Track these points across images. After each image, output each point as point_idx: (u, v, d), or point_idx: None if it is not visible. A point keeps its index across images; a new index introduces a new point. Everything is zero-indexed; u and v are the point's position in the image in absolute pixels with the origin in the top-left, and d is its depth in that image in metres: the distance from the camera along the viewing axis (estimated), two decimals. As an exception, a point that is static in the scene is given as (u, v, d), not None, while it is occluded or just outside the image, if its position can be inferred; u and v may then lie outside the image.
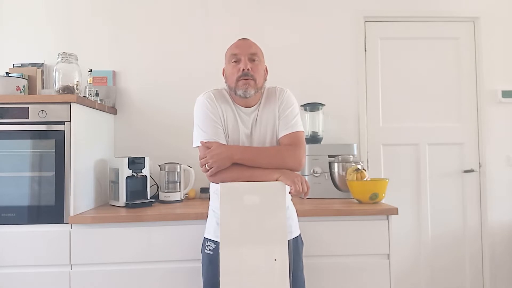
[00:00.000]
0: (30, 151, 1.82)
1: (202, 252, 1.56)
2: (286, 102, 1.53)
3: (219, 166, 1.40)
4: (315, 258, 1.78)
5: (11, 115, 1.81)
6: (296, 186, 1.33)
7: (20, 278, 1.76)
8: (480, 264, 2.59)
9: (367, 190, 1.93)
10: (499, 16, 2.65)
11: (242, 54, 1.47)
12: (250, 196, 1.34)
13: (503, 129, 2.61)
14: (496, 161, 2.60)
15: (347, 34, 2.59)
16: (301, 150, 1.47)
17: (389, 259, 1.83)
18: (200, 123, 1.48)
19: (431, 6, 2.62)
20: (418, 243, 2.58)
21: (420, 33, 2.64)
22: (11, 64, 2.39)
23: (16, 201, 1.79)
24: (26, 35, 2.48)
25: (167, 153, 2.40)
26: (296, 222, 1.60)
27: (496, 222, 2.57)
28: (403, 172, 2.60)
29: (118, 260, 1.78)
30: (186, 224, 1.79)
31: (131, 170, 2.04)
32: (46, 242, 1.77)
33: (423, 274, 2.57)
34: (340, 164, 2.16)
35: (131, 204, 1.98)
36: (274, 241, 1.31)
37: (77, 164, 1.85)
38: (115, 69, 2.50)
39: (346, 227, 1.83)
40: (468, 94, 2.65)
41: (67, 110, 1.82)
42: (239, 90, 1.46)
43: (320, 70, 2.55)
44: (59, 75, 1.91)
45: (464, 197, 2.61)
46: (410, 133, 2.61)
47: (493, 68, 2.62)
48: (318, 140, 2.40)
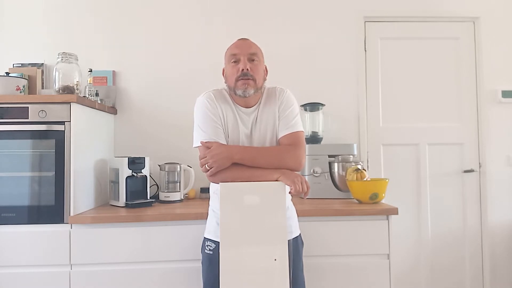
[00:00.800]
0: (30, 151, 1.82)
1: (202, 252, 1.56)
2: (286, 102, 1.53)
3: (219, 166, 1.40)
4: (315, 258, 1.78)
5: (11, 115, 1.81)
6: (296, 186, 1.33)
7: (20, 278, 1.76)
8: (480, 264, 2.59)
9: (367, 190, 1.93)
10: (499, 16, 2.65)
11: (242, 54, 1.47)
12: (250, 196, 1.34)
13: (503, 129, 2.61)
14: (496, 161, 2.60)
15: (347, 34, 2.59)
16: (301, 150, 1.47)
17: (389, 259, 1.83)
18: (200, 123, 1.48)
19: (431, 6, 2.62)
20: (418, 243, 2.58)
21: (420, 33, 2.64)
22: (11, 64, 2.39)
23: (16, 201, 1.80)
24: (26, 35, 2.48)
25: (167, 153, 2.40)
26: (296, 222, 1.60)
27: (496, 222, 2.57)
28: (403, 172, 2.59)
29: (118, 260, 1.78)
30: (186, 224, 1.79)
31: (131, 170, 2.04)
32: (46, 242, 1.77)
33: (423, 274, 2.57)
34: (340, 164, 2.17)
35: (131, 204, 1.98)
36: (274, 241, 1.31)
37: (77, 164, 1.85)
38: (115, 69, 2.50)
39: (346, 227, 1.83)
40: (468, 94, 2.65)
41: (67, 110, 1.82)
42: (239, 90, 1.46)
43: (320, 70, 2.55)
44: (59, 75, 1.91)
45: (464, 197, 2.61)
46: (410, 133, 2.61)
47: (493, 68, 2.62)
48: (318, 140, 2.40)
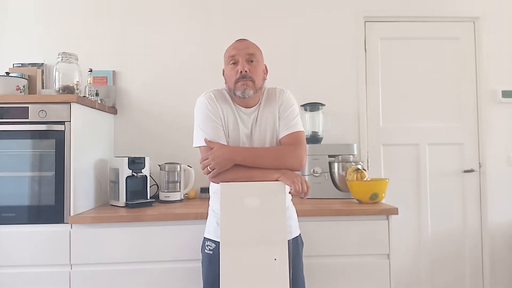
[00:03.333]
0: (30, 151, 1.82)
1: (202, 252, 1.56)
2: (286, 103, 1.53)
3: (221, 168, 1.40)
4: (315, 258, 1.78)
5: (11, 115, 1.81)
6: (296, 186, 1.33)
7: (20, 278, 1.76)
8: (480, 264, 2.59)
9: (367, 190, 1.93)
10: (499, 16, 2.64)
11: (240, 55, 1.47)
12: (250, 196, 1.34)
13: (503, 129, 2.61)
14: (496, 161, 2.60)
15: (347, 34, 2.59)
16: (301, 150, 1.47)
17: (389, 259, 1.83)
18: (201, 124, 1.48)
19: (431, 6, 2.62)
20: (418, 243, 2.58)
21: (420, 33, 2.64)
22: (11, 64, 2.39)
23: (16, 201, 1.79)
24: (26, 35, 2.48)
25: (167, 153, 2.40)
26: (296, 222, 1.60)
27: (496, 222, 2.57)
28: (403, 172, 2.59)
29: (118, 260, 1.78)
30: (186, 224, 1.79)
31: (131, 170, 2.04)
32: (46, 242, 1.77)
33: (423, 274, 2.56)
34: (340, 164, 2.16)
35: (131, 204, 1.98)
36: (274, 241, 1.31)
37: (77, 164, 1.85)
38: (115, 69, 2.50)
39: (346, 227, 1.83)
40: (468, 94, 2.65)
41: (67, 110, 1.82)
42: (238, 91, 1.46)
43: (320, 70, 2.55)
44: (59, 75, 1.91)
45: (464, 197, 2.61)
46: (410, 133, 2.61)
47: (493, 68, 2.62)
48: (318, 140, 2.40)
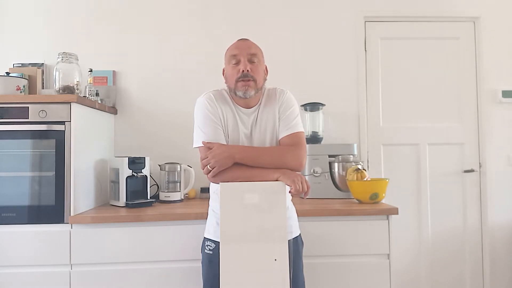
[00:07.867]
0: (30, 151, 1.82)
1: (202, 252, 1.56)
2: (286, 103, 1.53)
3: (221, 166, 1.40)
4: (315, 258, 1.78)
5: (11, 115, 1.81)
6: (296, 185, 1.33)
7: (20, 278, 1.76)
8: (480, 264, 2.59)
9: (367, 190, 1.93)
10: (499, 16, 2.64)
11: (242, 55, 1.47)
12: (250, 196, 1.34)
13: (503, 129, 2.61)
14: (496, 161, 2.60)
15: (347, 34, 2.59)
16: (301, 150, 1.47)
17: (389, 259, 1.83)
18: (200, 124, 1.48)
19: (431, 6, 2.62)
20: (418, 243, 2.58)
21: (420, 33, 2.64)
22: (11, 64, 2.39)
23: (16, 201, 1.80)
24: (27, 35, 2.48)
25: (167, 153, 2.40)
26: (296, 222, 1.60)
27: (496, 222, 2.57)
28: (403, 172, 2.59)
29: (118, 260, 1.78)
30: (186, 224, 1.79)
31: (131, 170, 2.04)
32: (46, 242, 1.77)
33: (423, 274, 2.56)
34: (340, 164, 2.16)
35: (131, 204, 1.98)
36: (274, 240, 1.31)
37: (77, 164, 1.85)
38: (115, 69, 2.50)
39: (346, 227, 1.83)
40: (468, 94, 2.65)
41: (67, 110, 1.82)
42: (239, 91, 1.46)
43: (320, 70, 2.55)
44: (59, 75, 1.91)
45: (464, 197, 2.61)
46: (410, 133, 2.61)
47: (493, 68, 2.62)
48: (318, 140, 2.40)
